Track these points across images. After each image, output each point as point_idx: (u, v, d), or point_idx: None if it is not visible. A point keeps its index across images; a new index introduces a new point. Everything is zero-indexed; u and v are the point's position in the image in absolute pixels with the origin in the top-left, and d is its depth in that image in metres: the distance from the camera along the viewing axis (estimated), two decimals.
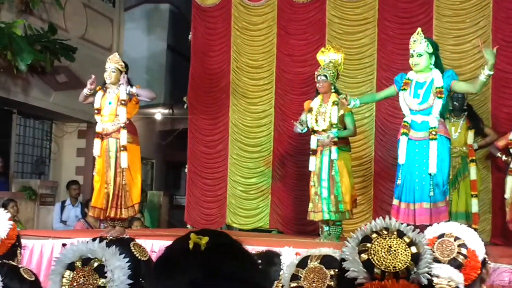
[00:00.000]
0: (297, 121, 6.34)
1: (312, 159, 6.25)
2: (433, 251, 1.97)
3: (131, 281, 1.42)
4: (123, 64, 6.11)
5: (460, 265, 2.00)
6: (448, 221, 4.98)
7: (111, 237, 1.57)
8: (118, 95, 6.03)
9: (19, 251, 2.34)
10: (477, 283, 2.03)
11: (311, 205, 6.25)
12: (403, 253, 1.18)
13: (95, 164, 6.15)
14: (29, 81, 8.61)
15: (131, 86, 6.12)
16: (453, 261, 2.01)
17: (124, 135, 5.96)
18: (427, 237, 1.95)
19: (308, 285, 1.67)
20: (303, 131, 6.35)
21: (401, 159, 5.37)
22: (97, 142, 6.06)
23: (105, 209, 6.02)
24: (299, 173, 7.77)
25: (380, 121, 7.66)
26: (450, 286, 1.91)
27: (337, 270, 1.57)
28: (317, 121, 6.22)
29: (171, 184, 12.26)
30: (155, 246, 5.24)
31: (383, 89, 6.62)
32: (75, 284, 1.41)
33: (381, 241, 1.22)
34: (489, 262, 2.12)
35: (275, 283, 1.90)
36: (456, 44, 7.38)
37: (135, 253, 1.51)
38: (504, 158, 6.39)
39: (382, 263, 1.18)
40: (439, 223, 2.18)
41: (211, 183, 8.56)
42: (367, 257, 1.20)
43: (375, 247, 1.21)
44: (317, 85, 6.31)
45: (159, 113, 11.12)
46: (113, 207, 5.97)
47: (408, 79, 5.51)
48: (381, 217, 1.27)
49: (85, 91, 6.08)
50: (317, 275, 1.66)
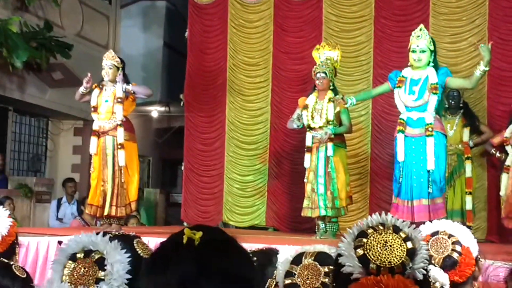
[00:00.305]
0: (294, 118, 6.33)
1: (307, 156, 6.24)
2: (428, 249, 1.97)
3: (129, 276, 1.42)
4: (119, 60, 6.11)
5: (455, 262, 2.00)
6: (445, 218, 5.03)
7: (116, 233, 1.58)
8: (114, 93, 6.02)
9: (17, 249, 2.34)
10: (470, 280, 2.04)
11: (306, 202, 6.25)
12: (399, 248, 1.18)
13: (92, 162, 6.14)
14: (25, 78, 8.59)
15: (128, 83, 6.11)
16: (448, 258, 2.01)
17: (121, 133, 5.95)
18: None
19: (302, 282, 1.67)
20: (300, 127, 6.34)
21: (400, 157, 5.36)
22: (93, 140, 6.05)
23: (102, 207, 6.02)
24: (295, 170, 7.77)
25: (376, 119, 7.66)
26: (435, 287, 1.90)
27: (331, 267, 1.58)
28: (313, 118, 6.22)
29: (167, 181, 12.24)
30: (151, 243, 5.18)
31: (378, 86, 6.63)
32: (75, 274, 1.42)
33: (376, 236, 1.21)
34: (481, 259, 2.12)
35: (269, 281, 1.91)
36: (452, 42, 7.40)
37: (138, 250, 1.52)
38: (498, 155, 6.41)
39: (377, 258, 1.18)
40: (437, 220, 2.19)
41: (207, 181, 8.56)
42: (362, 252, 1.20)
43: (371, 242, 1.21)
44: (316, 81, 6.29)
45: (155, 111, 11.10)
46: (112, 205, 5.97)
47: (402, 76, 5.51)
48: (377, 213, 1.28)
49: (81, 90, 6.06)
50: (311, 272, 1.67)
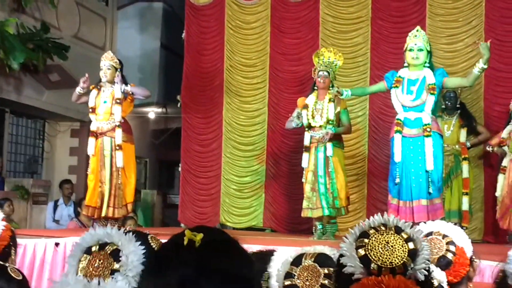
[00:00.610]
0: (293, 117, 6.32)
1: (305, 155, 6.23)
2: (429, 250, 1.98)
3: (143, 267, 1.42)
4: (118, 61, 6.12)
5: (449, 263, 2.01)
6: (443, 218, 5.04)
7: (131, 230, 1.58)
8: (113, 94, 6.02)
9: (13, 251, 2.32)
10: (464, 281, 2.04)
11: (306, 202, 6.21)
12: (400, 249, 1.19)
13: (89, 163, 6.13)
14: (22, 80, 8.57)
15: (126, 84, 6.11)
16: (442, 258, 2.01)
17: (119, 134, 5.95)
18: None
19: (301, 283, 1.67)
20: (299, 126, 6.33)
21: (397, 157, 5.37)
22: (91, 141, 6.04)
23: (99, 208, 6.01)
24: (292, 171, 7.77)
25: (373, 120, 7.67)
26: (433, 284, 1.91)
27: (331, 268, 1.58)
28: (313, 117, 6.22)
29: (164, 183, 12.23)
30: None
31: (374, 84, 6.64)
32: (90, 267, 1.42)
33: (378, 236, 1.22)
34: (475, 260, 2.13)
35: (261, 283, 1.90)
36: (449, 43, 7.41)
37: (152, 244, 1.52)
38: (496, 149, 6.34)
39: (379, 258, 1.19)
40: (435, 220, 2.19)
41: (204, 182, 8.55)
42: (364, 253, 1.21)
43: (372, 243, 1.21)
44: (318, 79, 6.28)
45: (152, 112, 11.09)
46: (109, 206, 5.96)
47: (399, 76, 5.53)
48: (379, 213, 1.28)
49: (78, 90, 6.05)
50: (310, 274, 1.67)
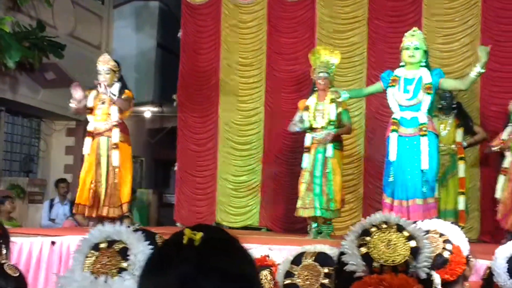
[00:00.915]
0: (296, 120, 6.31)
1: (305, 156, 6.24)
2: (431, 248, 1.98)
3: None
4: (115, 63, 6.15)
5: (445, 261, 2.01)
6: (437, 218, 5.05)
7: (138, 227, 1.55)
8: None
9: (3, 247, 2.30)
10: (460, 280, 2.04)
11: (300, 202, 6.24)
12: (402, 247, 1.18)
13: (84, 161, 6.13)
14: (17, 78, 8.54)
15: (124, 87, 6.16)
16: (439, 257, 2.01)
17: (116, 133, 5.98)
18: None
19: (302, 282, 1.67)
20: (302, 129, 6.32)
21: (392, 156, 5.38)
22: (87, 140, 6.07)
23: (91, 207, 6.00)
24: (289, 171, 7.77)
25: (370, 119, 7.67)
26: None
27: (331, 267, 1.57)
28: (315, 119, 6.22)
29: (160, 182, 12.20)
30: None
31: (371, 85, 6.64)
32: (97, 264, 1.40)
33: (380, 234, 1.21)
34: (472, 259, 2.13)
35: None
36: (445, 42, 7.42)
37: (160, 243, 1.50)
38: (497, 148, 6.27)
39: (381, 256, 1.18)
40: (430, 219, 2.19)
41: (200, 181, 8.54)
42: (366, 251, 1.20)
43: (374, 241, 1.20)
44: (319, 81, 6.28)
45: (148, 111, 11.07)
46: (105, 205, 5.96)
47: (396, 75, 5.53)
48: (380, 211, 1.27)
49: (72, 105, 6.09)
50: (311, 273, 1.66)
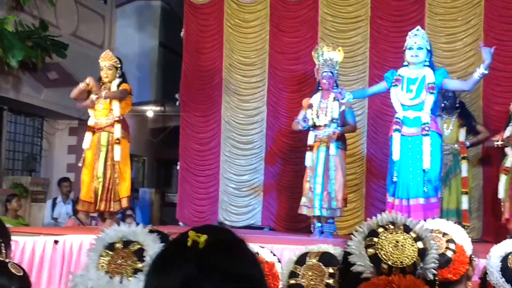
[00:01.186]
0: (299, 119, 6.32)
1: (308, 154, 6.24)
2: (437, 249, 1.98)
3: None
4: (117, 60, 6.18)
5: (448, 260, 2.01)
6: (439, 217, 5.05)
7: (152, 228, 1.54)
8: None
9: (3, 246, 2.30)
10: (463, 279, 2.04)
11: (304, 199, 6.25)
12: (410, 248, 1.18)
13: (83, 156, 6.10)
14: (20, 78, 8.55)
15: (125, 81, 6.18)
16: (442, 256, 2.01)
17: (118, 129, 6.00)
18: None
19: (306, 282, 1.65)
20: (305, 128, 6.32)
21: (396, 156, 5.38)
22: (88, 135, 6.07)
23: (94, 203, 6.00)
24: (291, 170, 7.78)
25: (372, 119, 7.67)
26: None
27: (336, 267, 1.57)
28: (318, 117, 6.23)
29: (162, 181, 12.21)
30: None
31: (374, 85, 6.64)
32: (113, 264, 1.38)
33: (388, 235, 1.21)
34: (475, 259, 2.13)
35: None
36: (448, 42, 7.41)
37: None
38: (500, 143, 6.23)
39: (389, 258, 1.18)
40: (432, 219, 2.20)
41: (203, 180, 8.53)
42: (374, 252, 1.19)
43: (382, 242, 1.20)
44: (323, 80, 6.28)
45: (150, 111, 11.07)
46: (102, 200, 5.94)
47: (399, 75, 5.53)
48: (387, 211, 1.27)
49: (81, 85, 6.11)
50: (315, 273, 1.65)
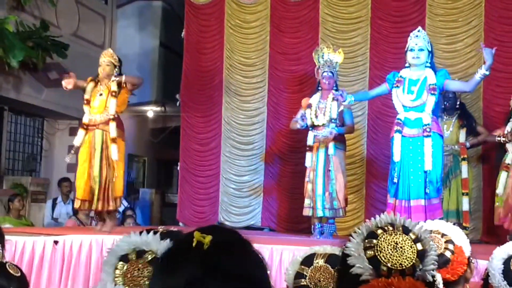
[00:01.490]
0: (297, 118, 6.32)
1: (308, 155, 6.25)
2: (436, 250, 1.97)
3: None
4: (117, 58, 6.15)
5: (447, 261, 2.01)
6: (442, 218, 5.05)
7: (163, 230, 1.52)
8: (109, 87, 6.04)
9: None
10: (461, 281, 2.05)
11: (307, 201, 6.25)
12: (409, 250, 1.17)
13: (78, 155, 6.06)
14: (21, 78, 8.55)
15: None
16: (441, 256, 2.01)
17: (113, 127, 5.94)
18: None
19: (313, 284, 1.64)
20: (303, 127, 6.33)
21: (396, 157, 5.38)
22: (81, 132, 6.01)
23: (90, 201, 5.95)
24: (291, 171, 7.78)
25: (372, 119, 7.67)
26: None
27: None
28: (316, 117, 6.24)
29: (163, 181, 12.21)
30: None
31: (376, 87, 6.65)
32: (128, 275, 1.36)
33: (387, 237, 1.20)
34: (473, 261, 2.14)
35: None
36: (448, 43, 7.41)
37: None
38: (503, 139, 6.20)
39: (388, 260, 1.17)
40: (434, 220, 2.20)
41: (203, 181, 8.54)
42: (373, 254, 1.19)
43: (381, 244, 1.19)
44: (323, 81, 6.29)
45: (151, 111, 11.07)
46: (99, 199, 5.89)
47: (400, 76, 5.54)
48: (385, 212, 1.27)
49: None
50: (323, 275, 1.63)
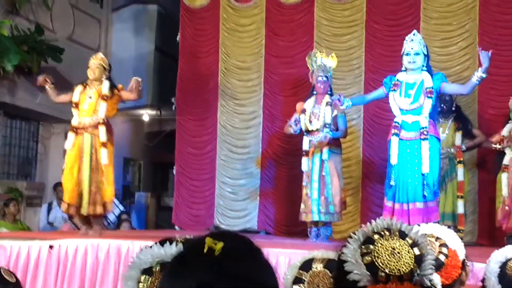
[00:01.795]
0: (291, 122, 6.33)
1: (304, 159, 6.26)
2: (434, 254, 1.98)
3: None
4: (107, 62, 6.11)
5: (441, 264, 2.02)
6: (438, 221, 5.07)
7: (181, 239, 1.49)
8: (99, 90, 5.98)
9: None
10: (456, 284, 2.05)
11: (303, 205, 6.27)
12: (407, 255, 1.16)
13: (66, 158, 6.01)
14: (16, 82, 8.52)
15: (114, 86, 6.08)
16: (435, 260, 2.02)
17: (103, 131, 5.87)
18: None
19: None
20: (296, 132, 6.34)
21: (393, 160, 5.38)
22: (70, 136, 5.95)
23: (79, 206, 5.89)
24: (287, 174, 7.78)
25: (367, 123, 7.68)
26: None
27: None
28: (311, 122, 6.24)
29: (158, 185, 12.18)
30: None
31: (371, 90, 6.66)
32: None
33: (384, 242, 1.19)
34: (468, 264, 2.14)
35: None
36: (442, 46, 7.43)
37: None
38: (499, 146, 6.27)
39: (386, 266, 1.16)
40: (431, 223, 2.21)
41: (199, 184, 8.53)
42: (370, 260, 1.18)
43: (379, 249, 1.18)
44: (318, 85, 6.30)
45: (146, 114, 11.05)
46: (90, 203, 5.84)
47: (397, 80, 5.55)
48: (381, 217, 1.26)
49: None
50: (322, 280, 1.61)
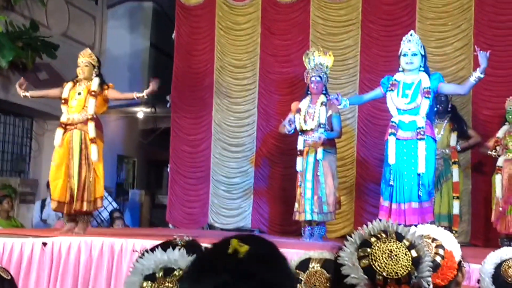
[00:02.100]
0: (285, 122, 6.32)
1: (299, 159, 6.26)
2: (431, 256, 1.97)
3: None
4: (96, 58, 6.07)
5: (437, 266, 2.02)
6: (433, 222, 5.08)
7: (182, 242, 1.47)
8: (89, 87, 5.96)
9: None
10: (452, 285, 2.05)
11: (297, 205, 6.27)
12: (404, 258, 1.15)
13: (54, 154, 5.98)
14: (10, 78, 8.47)
15: (104, 82, 6.06)
16: (431, 261, 2.02)
17: (92, 127, 5.83)
18: None
19: None
20: (291, 132, 6.34)
21: (391, 160, 5.39)
22: (59, 132, 5.92)
23: (69, 203, 5.86)
24: (282, 173, 7.78)
25: (362, 122, 7.68)
26: None
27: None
28: (305, 121, 6.24)
29: (152, 183, 12.16)
30: (136, 245, 5.19)
31: (366, 90, 6.67)
32: None
33: (381, 245, 1.19)
34: (464, 265, 2.14)
35: None
36: (438, 46, 7.44)
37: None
38: (494, 153, 6.32)
39: (384, 269, 1.15)
40: (425, 223, 2.21)
41: (193, 183, 8.52)
42: (368, 263, 1.17)
43: (376, 252, 1.17)
44: (312, 85, 6.30)
45: (141, 112, 11.02)
46: (78, 200, 5.80)
47: (395, 80, 5.55)
48: (378, 219, 1.25)
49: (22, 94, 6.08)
50: (318, 280, 1.61)
